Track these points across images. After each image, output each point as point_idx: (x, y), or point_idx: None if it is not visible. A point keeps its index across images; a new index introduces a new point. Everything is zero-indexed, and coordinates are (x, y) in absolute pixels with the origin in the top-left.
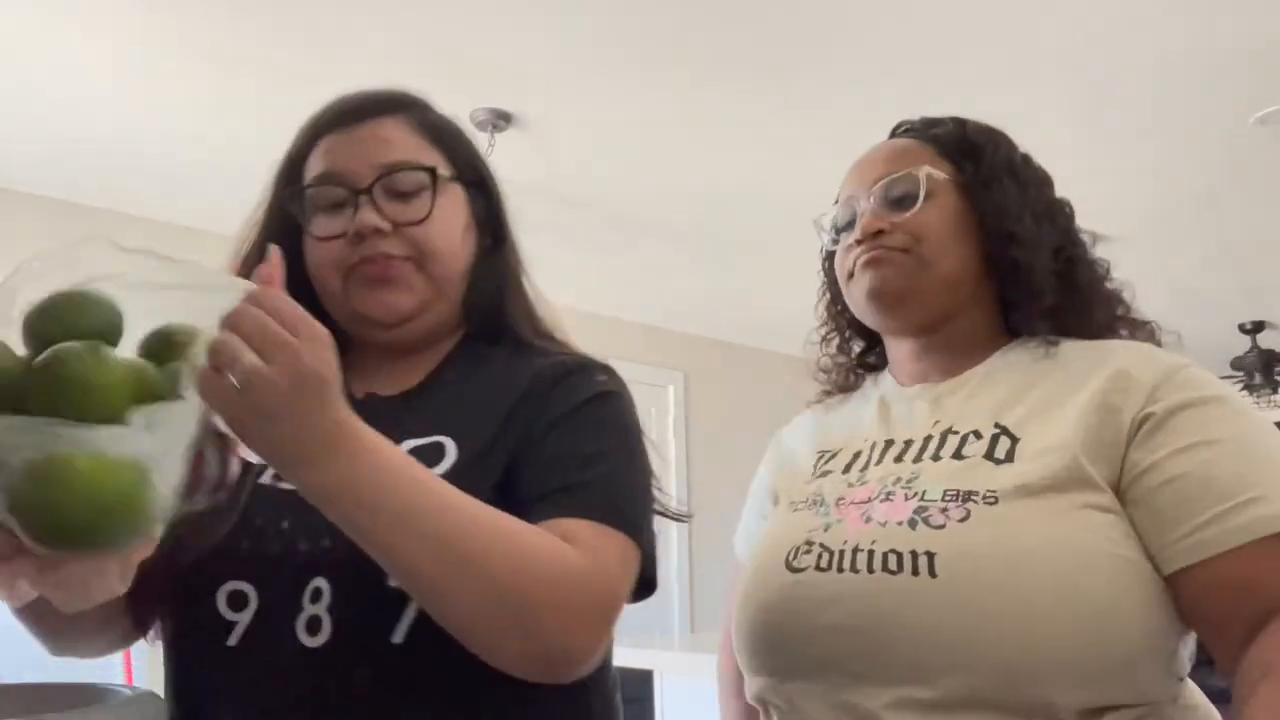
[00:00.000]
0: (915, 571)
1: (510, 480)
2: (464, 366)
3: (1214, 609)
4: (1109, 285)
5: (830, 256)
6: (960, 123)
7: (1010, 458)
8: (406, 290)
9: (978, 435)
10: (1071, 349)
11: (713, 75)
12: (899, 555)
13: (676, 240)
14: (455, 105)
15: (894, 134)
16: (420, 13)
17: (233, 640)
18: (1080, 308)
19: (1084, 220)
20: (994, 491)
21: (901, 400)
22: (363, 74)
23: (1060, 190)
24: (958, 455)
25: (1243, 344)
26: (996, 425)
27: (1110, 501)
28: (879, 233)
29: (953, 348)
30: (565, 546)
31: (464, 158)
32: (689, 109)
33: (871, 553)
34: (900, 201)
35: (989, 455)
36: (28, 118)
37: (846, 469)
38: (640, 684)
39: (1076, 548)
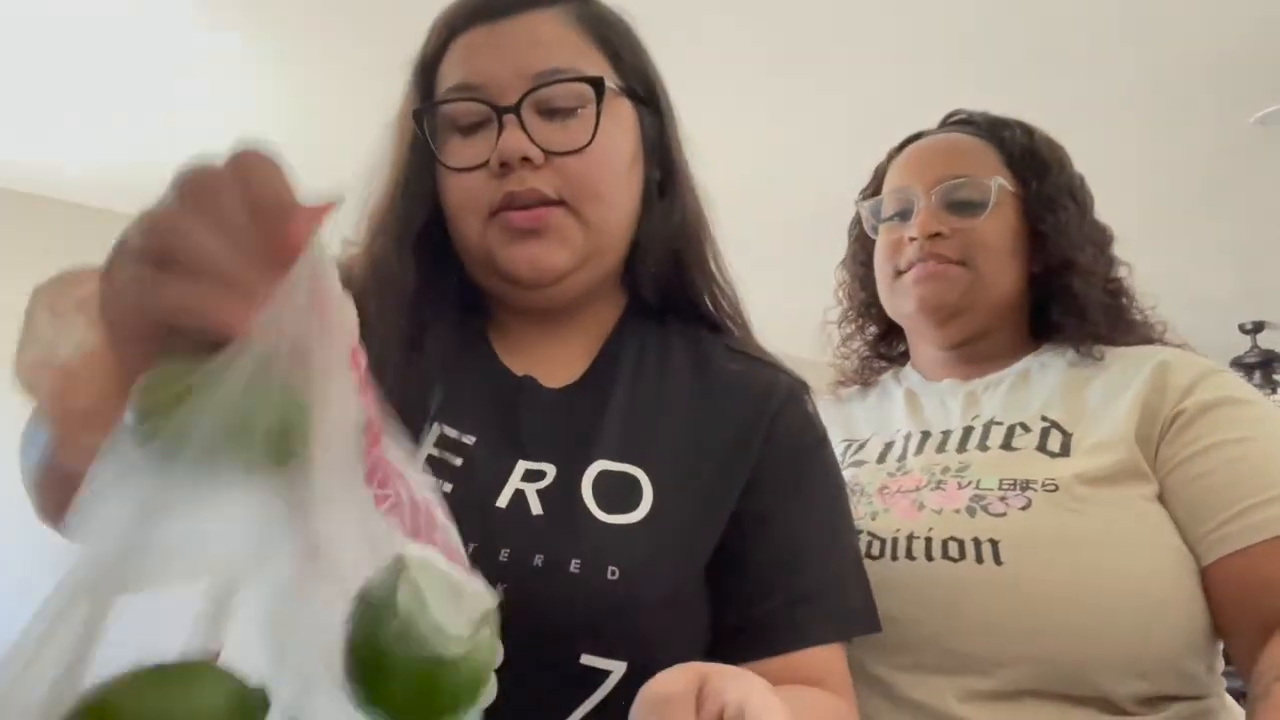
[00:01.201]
0: (979, 559)
1: (724, 557)
2: (636, 354)
3: (1232, 605)
4: (1145, 311)
5: (861, 239)
6: (1028, 131)
7: (1066, 451)
8: (560, 243)
9: (1025, 428)
10: (1114, 356)
11: (712, 75)
12: (960, 542)
13: None
14: None
15: (949, 123)
16: (421, 13)
17: None
18: (1121, 331)
19: None
20: (1053, 480)
21: (931, 393)
22: (363, 73)
23: None
24: (1007, 446)
25: (1243, 344)
26: (1044, 419)
27: (1158, 493)
28: (936, 235)
29: (986, 355)
30: (842, 710)
31: (635, 64)
32: (689, 109)
33: (929, 540)
34: (964, 207)
35: (1041, 448)
36: (37, 120)
37: (881, 459)
38: None
39: (1137, 538)
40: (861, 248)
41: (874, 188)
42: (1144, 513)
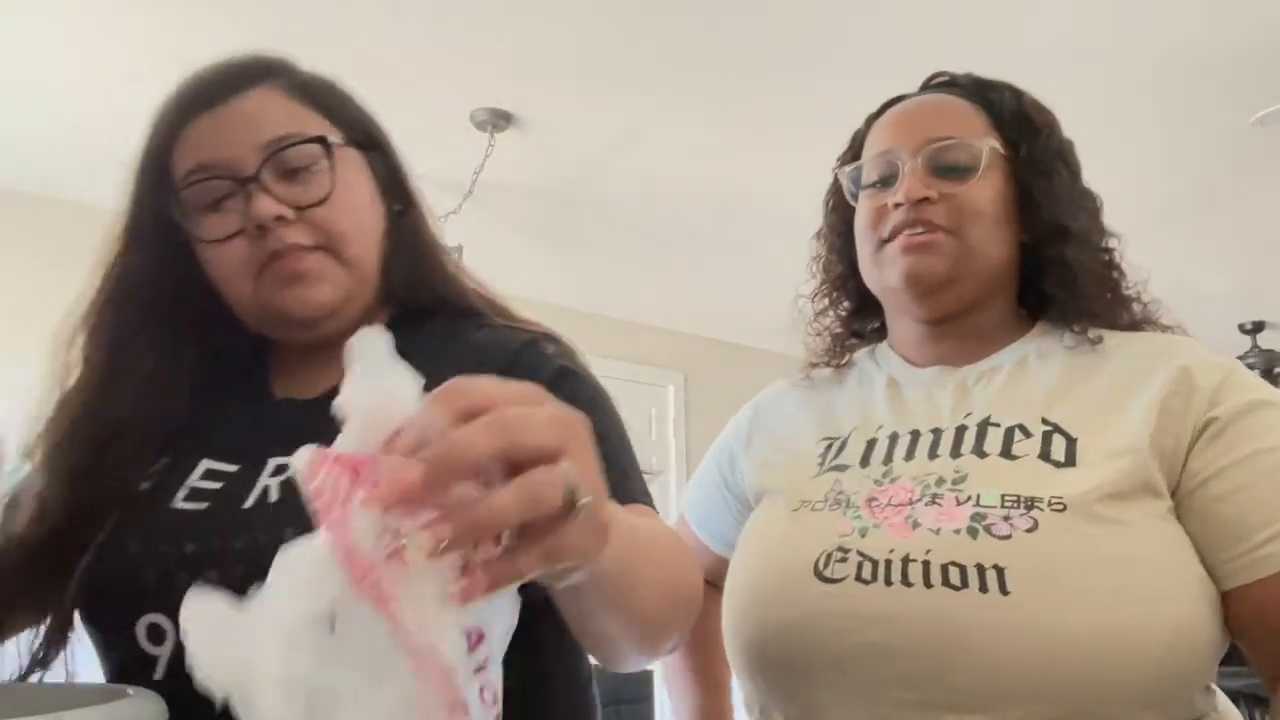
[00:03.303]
0: (984, 588)
1: None
2: None
3: (1269, 627)
4: (1137, 286)
5: (839, 208)
6: (1016, 94)
7: (1071, 460)
8: (324, 283)
9: (1025, 432)
10: (1117, 343)
11: (713, 76)
12: (961, 569)
13: (676, 240)
14: (455, 105)
15: (933, 85)
16: (421, 13)
17: (158, 674)
18: (1115, 305)
19: None
20: (1060, 499)
21: (916, 383)
22: (364, 74)
23: None
24: (1007, 454)
25: (1243, 344)
26: (1045, 422)
27: (1171, 510)
28: (924, 200)
29: (973, 332)
30: (669, 528)
31: (350, 118)
32: (689, 110)
33: (927, 564)
34: (953, 171)
35: (1045, 456)
36: (38, 120)
37: (864, 462)
38: (641, 684)
39: (1154, 564)
40: (840, 218)
41: (853, 153)
42: (1159, 533)
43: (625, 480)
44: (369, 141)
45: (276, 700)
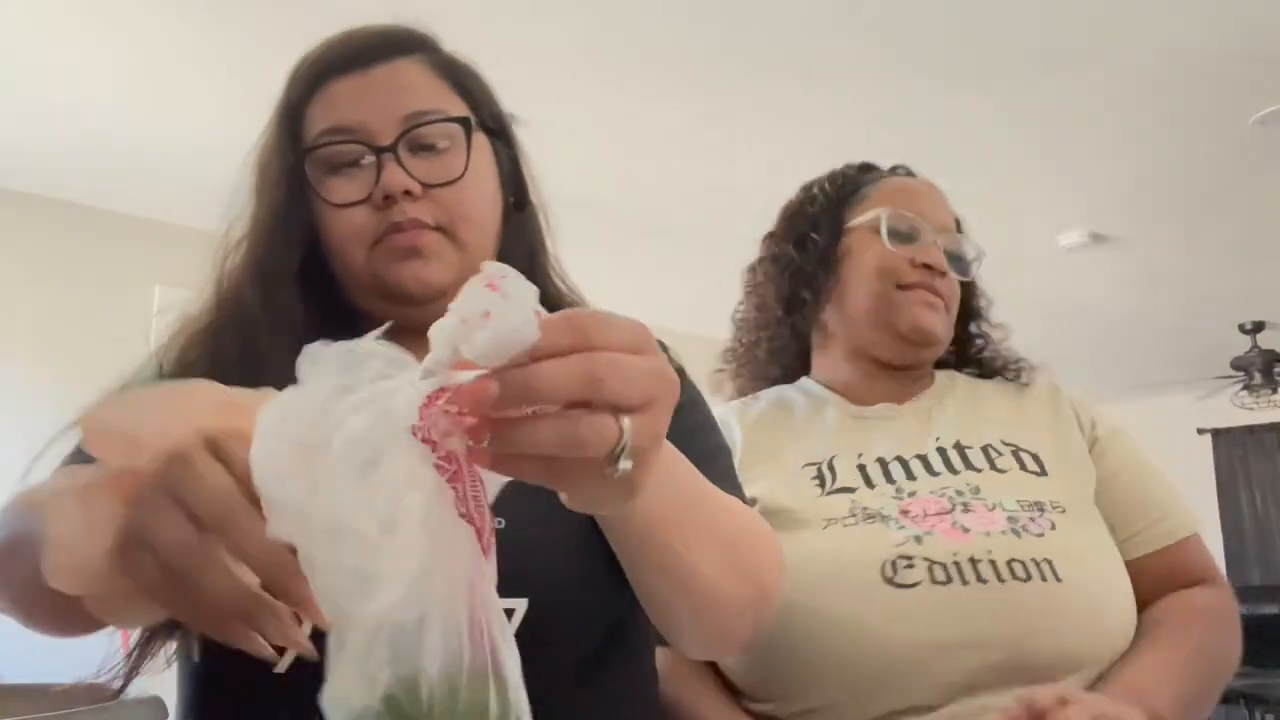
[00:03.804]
0: (1044, 578)
1: None
2: None
3: (1149, 592)
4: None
5: (800, 245)
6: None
7: (1044, 471)
8: (439, 262)
9: (995, 450)
10: (1000, 382)
11: (713, 77)
12: (1022, 563)
13: (676, 240)
14: None
15: (909, 173)
16: (422, 13)
17: (281, 667)
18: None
19: (1084, 220)
20: (1058, 503)
21: (872, 416)
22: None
23: (1060, 191)
24: (995, 468)
25: (1243, 344)
26: (1005, 443)
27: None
28: (943, 274)
29: (915, 377)
30: (761, 520)
31: (486, 104)
32: (690, 110)
33: (994, 562)
34: (960, 262)
35: (1024, 468)
36: (31, 119)
37: (869, 484)
38: None
39: (1113, 545)
40: (796, 254)
41: (843, 198)
42: (1103, 521)
43: (721, 475)
44: (500, 131)
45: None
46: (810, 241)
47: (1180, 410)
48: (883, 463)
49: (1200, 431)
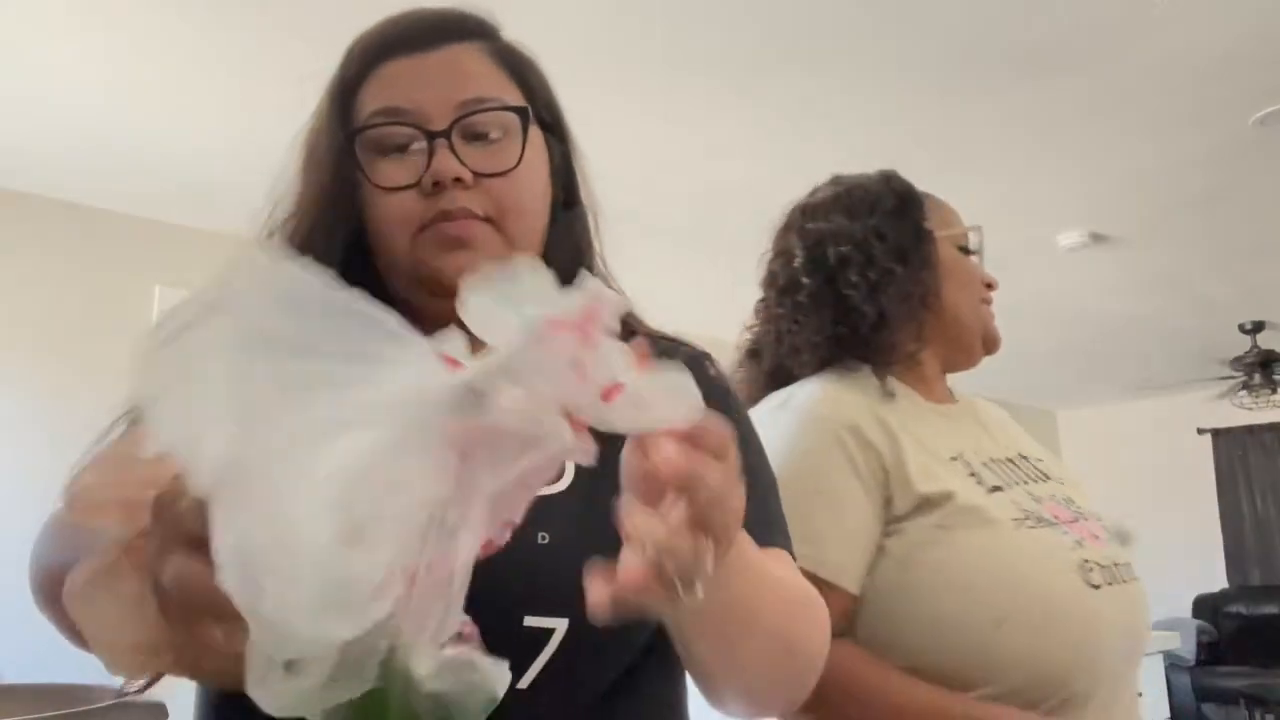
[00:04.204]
0: (1135, 577)
1: None
2: None
3: None
4: None
5: (912, 247)
6: None
7: (1061, 481)
8: (486, 254)
9: (1033, 460)
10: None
11: (713, 76)
12: (1123, 565)
13: (676, 240)
14: None
15: None
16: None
17: None
18: None
19: (1084, 220)
20: (1092, 511)
21: (954, 417)
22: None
23: (1060, 191)
24: (1050, 477)
25: (1243, 344)
26: (1027, 453)
27: None
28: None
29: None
30: (805, 583)
31: (544, 97)
32: (689, 109)
33: (1117, 565)
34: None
35: (1049, 476)
36: (32, 119)
37: (1005, 484)
38: None
39: None
40: (913, 253)
41: (919, 213)
42: None
43: (769, 523)
44: (555, 126)
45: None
46: (891, 236)
47: (1180, 410)
48: (994, 463)
49: (1200, 431)
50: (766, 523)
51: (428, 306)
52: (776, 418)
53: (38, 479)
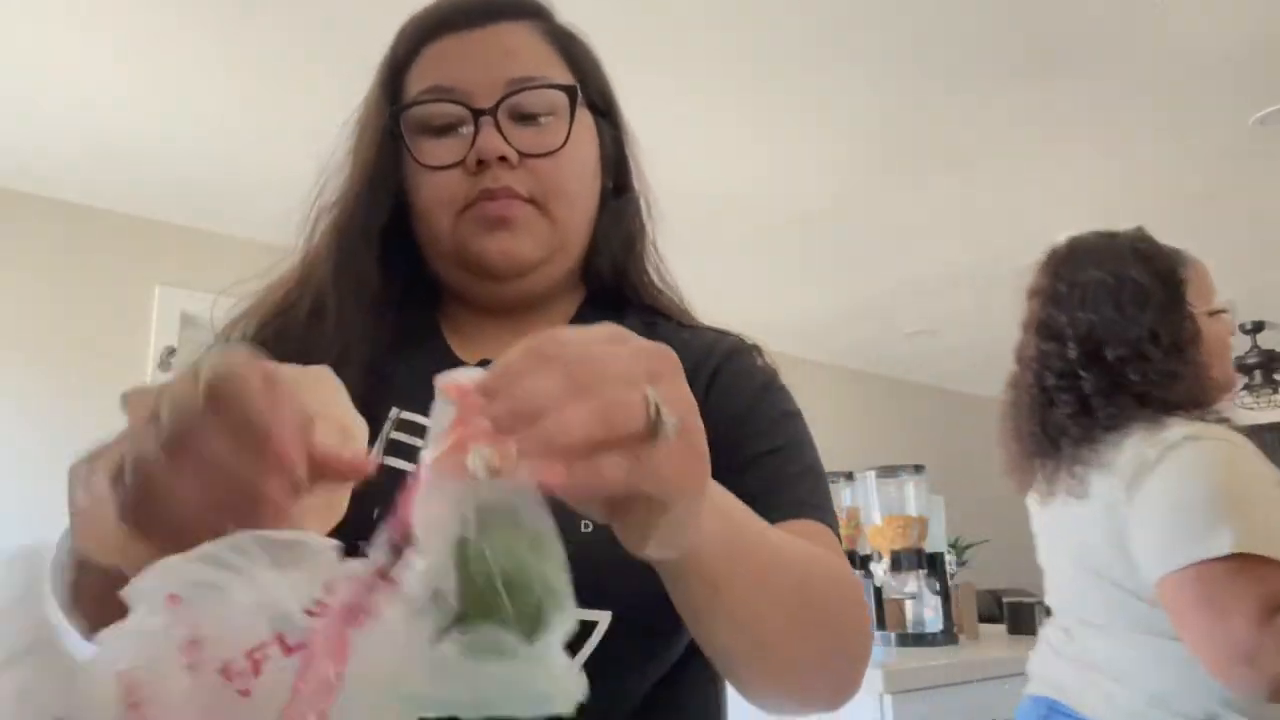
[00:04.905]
0: None
1: None
2: None
3: None
4: None
5: (1189, 346)
6: None
7: None
8: (529, 236)
9: None
10: None
11: (713, 76)
12: None
13: (677, 240)
14: None
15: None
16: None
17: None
18: None
19: (1085, 221)
20: None
21: None
22: (369, 73)
23: (1060, 191)
24: None
25: (1243, 344)
26: None
27: None
28: None
29: None
30: (838, 559)
31: (595, 80)
32: (689, 109)
33: None
34: None
35: None
36: (31, 119)
37: None
38: None
39: None
40: (1183, 328)
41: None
42: None
43: (800, 501)
44: (606, 110)
45: None
46: (1165, 335)
47: None
48: None
49: None
50: (798, 501)
51: (470, 289)
52: (1201, 445)
53: (38, 479)
